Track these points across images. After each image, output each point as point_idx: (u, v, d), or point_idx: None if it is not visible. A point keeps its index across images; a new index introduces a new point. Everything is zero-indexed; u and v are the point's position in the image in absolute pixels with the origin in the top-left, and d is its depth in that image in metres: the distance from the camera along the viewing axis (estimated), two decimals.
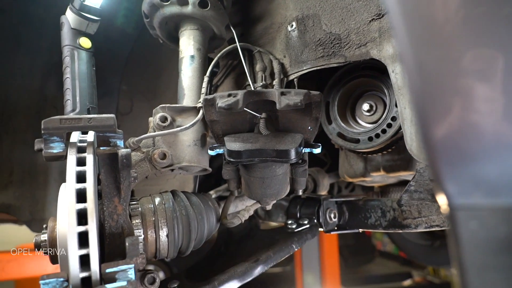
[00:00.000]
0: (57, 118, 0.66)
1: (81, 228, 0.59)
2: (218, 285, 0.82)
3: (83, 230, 0.59)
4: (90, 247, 0.58)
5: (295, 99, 0.78)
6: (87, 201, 0.61)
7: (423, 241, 2.44)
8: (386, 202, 1.02)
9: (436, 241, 2.36)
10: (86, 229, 0.59)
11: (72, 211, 0.59)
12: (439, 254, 2.29)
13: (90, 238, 0.58)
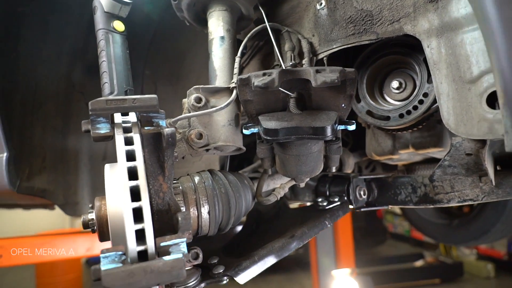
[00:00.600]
0: (103, 99, 0.67)
1: (135, 204, 0.61)
2: (258, 260, 0.85)
3: (137, 206, 0.61)
4: (145, 222, 0.60)
5: (331, 76, 0.79)
6: (139, 178, 0.63)
7: (441, 220, 2.45)
8: (417, 178, 1.03)
9: (454, 220, 2.37)
10: (140, 205, 0.61)
11: (126, 188, 0.61)
12: (457, 233, 2.30)
13: (144, 213, 0.61)
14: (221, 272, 0.82)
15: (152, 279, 0.57)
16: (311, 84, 0.88)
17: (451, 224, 2.34)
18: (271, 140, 0.85)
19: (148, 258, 0.60)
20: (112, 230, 0.69)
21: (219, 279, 0.82)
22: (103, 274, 0.55)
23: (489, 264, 6.14)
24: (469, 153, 0.83)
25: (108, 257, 0.59)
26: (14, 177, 1.12)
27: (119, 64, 0.85)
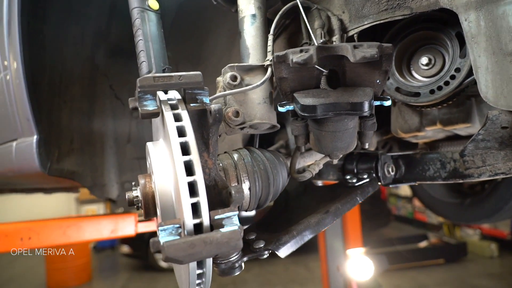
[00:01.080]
0: (150, 76, 0.68)
1: (190, 178, 0.62)
2: (296, 235, 0.87)
3: (191, 180, 0.62)
4: (200, 195, 0.62)
5: (370, 51, 0.79)
6: (192, 153, 0.64)
7: (453, 199, 2.48)
8: (446, 154, 1.04)
9: (466, 199, 2.39)
10: (194, 179, 0.62)
11: (180, 163, 0.62)
12: (469, 211, 2.33)
13: (199, 187, 0.62)
14: (262, 247, 0.84)
15: (212, 250, 0.58)
16: (345, 61, 0.88)
17: (463, 203, 2.37)
18: (307, 117, 0.86)
19: (203, 231, 0.62)
20: (162, 206, 0.70)
21: (260, 253, 0.84)
22: (166, 246, 0.57)
23: (493, 243, 6.24)
24: (505, 126, 0.84)
25: (166, 230, 0.61)
26: (44, 160, 1.13)
27: (156, 43, 0.85)
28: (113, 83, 1.36)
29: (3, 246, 1.30)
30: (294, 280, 5.93)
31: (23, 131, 1.17)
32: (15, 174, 1.27)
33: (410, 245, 6.51)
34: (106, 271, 7.20)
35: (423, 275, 5.73)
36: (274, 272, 6.31)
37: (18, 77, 1.07)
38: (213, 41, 1.39)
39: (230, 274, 0.84)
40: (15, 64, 1.08)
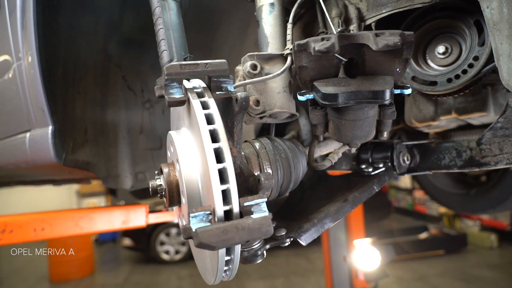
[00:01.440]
0: (177, 64, 0.68)
1: (220, 165, 0.62)
2: (317, 223, 0.87)
3: (221, 167, 0.63)
4: (230, 182, 0.62)
5: (393, 39, 0.79)
6: (221, 141, 0.64)
7: (458, 190, 2.49)
8: (462, 143, 1.05)
9: (471, 190, 2.41)
10: (224, 166, 0.63)
11: (210, 150, 0.63)
12: (475, 202, 2.35)
13: (229, 174, 0.62)
14: (283, 235, 0.85)
15: (244, 236, 0.59)
16: (365, 49, 0.88)
17: (468, 193, 2.38)
18: (329, 105, 0.86)
19: (233, 218, 0.62)
20: (188, 193, 0.70)
21: (282, 241, 0.84)
22: (200, 232, 0.57)
23: (492, 234, 6.29)
24: None
25: (197, 217, 0.61)
26: (60, 150, 1.13)
27: (176, 31, 0.85)
28: (126, 74, 1.35)
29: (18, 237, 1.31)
30: (296, 272, 5.97)
31: (37, 122, 1.17)
32: (28, 165, 1.27)
33: (411, 236, 6.56)
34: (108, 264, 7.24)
35: (424, 266, 5.78)
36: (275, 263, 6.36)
37: (33, 67, 1.07)
38: (225, 31, 1.38)
39: (252, 262, 0.84)
40: (29, 54, 1.08)
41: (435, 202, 3.44)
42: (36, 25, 1.02)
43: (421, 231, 6.80)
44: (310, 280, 5.52)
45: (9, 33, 1.17)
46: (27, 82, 1.13)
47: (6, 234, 1.29)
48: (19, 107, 1.25)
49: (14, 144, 1.31)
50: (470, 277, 5.28)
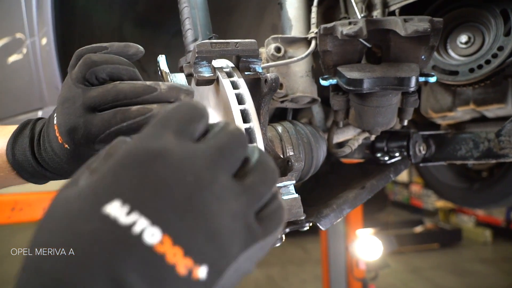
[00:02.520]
0: (207, 42, 0.66)
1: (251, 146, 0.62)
2: (336, 208, 0.87)
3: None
4: None
5: (423, 25, 0.78)
6: (252, 121, 0.63)
7: (461, 184, 2.50)
8: (480, 134, 1.05)
9: (475, 184, 2.42)
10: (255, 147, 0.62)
11: (242, 130, 0.62)
12: (478, 196, 2.37)
13: None
14: (303, 219, 0.85)
15: None
16: (391, 35, 0.87)
17: (471, 187, 2.40)
18: (352, 91, 0.85)
19: None
20: None
21: (301, 225, 0.84)
22: None
23: (487, 230, 6.37)
24: None
25: None
26: None
27: (201, 10, 0.83)
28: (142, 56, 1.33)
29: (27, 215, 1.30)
30: (292, 261, 6.03)
31: (50, 100, 1.15)
32: None
33: (406, 229, 6.63)
34: None
35: (418, 259, 5.86)
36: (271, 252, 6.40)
37: (49, 45, 1.05)
38: (241, 14, 1.36)
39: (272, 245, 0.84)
40: (45, 32, 1.06)
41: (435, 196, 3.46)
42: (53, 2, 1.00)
43: (416, 224, 6.87)
44: (305, 269, 5.58)
45: (23, 10, 1.14)
46: (41, 60, 1.11)
47: (16, 212, 1.28)
48: (31, 84, 1.23)
49: None
50: (463, 271, 5.36)
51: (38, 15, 1.08)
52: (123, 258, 0.25)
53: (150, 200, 0.27)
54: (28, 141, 0.58)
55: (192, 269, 0.27)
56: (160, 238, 0.26)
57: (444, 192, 2.61)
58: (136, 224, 0.26)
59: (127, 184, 0.27)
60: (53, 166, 0.58)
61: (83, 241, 0.26)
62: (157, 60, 0.66)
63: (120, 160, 0.29)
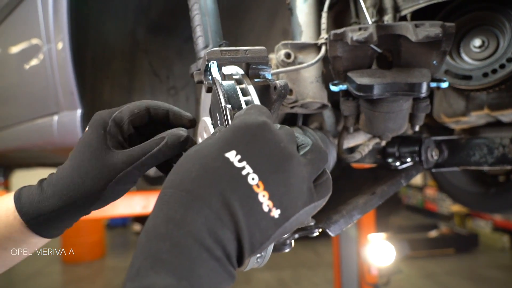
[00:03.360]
0: (217, 49, 0.67)
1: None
2: (346, 214, 0.87)
3: None
4: None
5: (434, 31, 0.77)
6: None
7: (476, 189, 2.46)
8: (494, 139, 1.03)
9: (491, 189, 2.37)
10: None
11: None
12: (494, 201, 2.32)
13: None
14: (312, 225, 0.85)
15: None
16: (402, 40, 0.87)
17: (487, 192, 2.35)
18: (362, 97, 0.85)
19: None
20: None
21: (311, 231, 0.84)
22: None
23: (505, 235, 6.21)
24: None
25: None
26: None
27: (212, 17, 0.84)
28: (152, 59, 1.35)
29: None
30: (303, 264, 6.00)
31: (65, 104, 1.18)
32: (55, 147, 1.29)
33: (420, 234, 6.52)
34: (118, 248, 7.36)
35: (432, 264, 5.75)
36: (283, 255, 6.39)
37: (64, 51, 1.08)
38: (252, 19, 1.37)
39: (281, 251, 0.85)
40: (61, 38, 1.09)
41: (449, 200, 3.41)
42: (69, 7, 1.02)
43: (431, 229, 6.75)
44: (317, 273, 5.54)
45: (40, 16, 1.18)
46: (57, 65, 1.14)
47: None
48: (47, 89, 1.26)
49: (40, 127, 1.33)
50: (480, 277, 5.24)
51: (54, 21, 1.11)
52: (234, 189, 0.37)
53: (255, 155, 0.39)
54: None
55: (271, 209, 0.38)
56: (257, 182, 0.38)
57: (459, 196, 2.56)
58: (244, 169, 0.38)
59: (241, 141, 0.40)
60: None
61: (210, 172, 0.38)
62: (208, 67, 0.66)
63: (237, 125, 0.41)
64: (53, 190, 0.53)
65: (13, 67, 1.50)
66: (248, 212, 0.37)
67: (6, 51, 1.55)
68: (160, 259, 0.34)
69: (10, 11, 1.37)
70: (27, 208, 0.53)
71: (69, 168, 0.53)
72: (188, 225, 0.35)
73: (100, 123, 0.54)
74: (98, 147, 0.53)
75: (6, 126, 1.65)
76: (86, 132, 0.55)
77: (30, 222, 0.54)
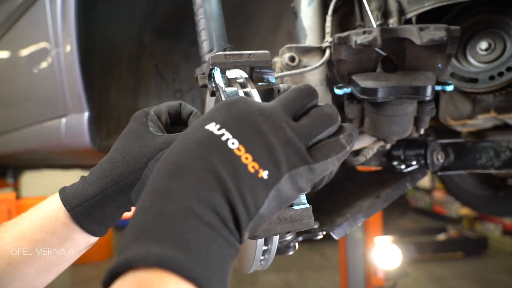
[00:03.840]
0: (221, 54, 0.68)
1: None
2: (350, 217, 0.87)
3: None
4: None
5: (439, 34, 0.77)
6: None
7: (485, 192, 2.43)
8: (501, 143, 1.02)
9: (499, 192, 2.35)
10: None
11: None
12: (503, 204, 2.29)
13: None
14: (316, 228, 0.85)
15: (285, 227, 0.59)
16: (407, 43, 0.86)
17: (496, 195, 2.32)
18: (367, 100, 0.85)
19: None
20: None
21: (315, 234, 0.84)
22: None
23: None
24: None
25: None
26: (94, 136, 1.16)
27: (217, 21, 0.85)
28: (158, 63, 1.37)
29: None
30: (310, 266, 5.97)
31: (73, 107, 1.20)
32: (62, 150, 1.31)
33: (428, 237, 6.45)
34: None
35: (441, 268, 5.69)
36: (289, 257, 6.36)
37: (72, 54, 1.09)
38: (257, 22, 1.37)
39: (284, 253, 0.85)
40: (69, 41, 1.10)
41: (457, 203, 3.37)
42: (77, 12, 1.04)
43: (439, 232, 6.68)
44: (323, 275, 5.52)
45: (49, 21, 1.20)
46: (65, 69, 1.16)
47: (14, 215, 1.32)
48: (55, 92, 1.28)
49: (49, 129, 1.35)
50: (489, 281, 5.17)
51: (62, 25, 1.13)
52: (216, 154, 0.38)
53: (232, 124, 0.41)
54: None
55: (258, 170, 0.38)
56: (237, 146, 0.39)
57: (467, 199, 2.53)
58: (223, 135, 0.39)
59: (220, 113, 0.42)
60: None
61: (192, 143, 0.39)
62: (212, 73, 0.67)
63: (219, 103, 0.45)
64: (96, 175, 0.56)
65: (23, 70, 1.52)
66: (233, 173, 0.37)
67: (16, 54, 1.58)
68: (145, 230, 0.33)
69: (19, 16, 1.39)
70: (71, 197, 0.56)
71: (112, 153, 0.57)
72: (171, 192, 0.35)
73: (142, 114, 0.61)
74: (140, 131, 0.58)
75: (16, 128, 1.68)
76: (128, 124, 0.60)
77: (74, 211, 0.55)
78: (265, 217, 0.40)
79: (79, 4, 1.05)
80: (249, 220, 0.38)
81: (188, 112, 0.66)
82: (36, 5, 1.27)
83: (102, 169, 0.56)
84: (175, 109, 0.64)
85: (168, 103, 0.65)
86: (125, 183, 0.55)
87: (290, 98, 0.46)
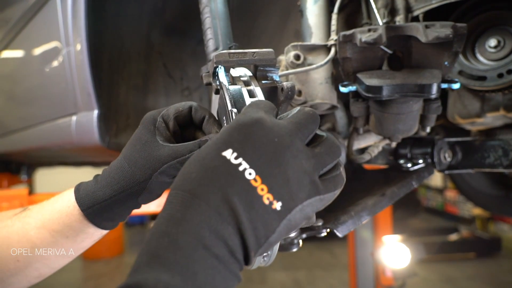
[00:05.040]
0: (225, 52, 0.69)
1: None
2: (354, 215, 0.87)
3: None
4: None
5: (445, 31, 0.76)
6: None
7: (496, 191, 2.39)
8: (510, 141, 1.01)
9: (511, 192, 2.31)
10: None
11: None
12: None
13: None
14: (320, 225, 0.85)
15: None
16: (413, 41, 0.86)
17: (508, 195, 2.29)
18: (371, 98, 0.85)
19: None
20: None
21: (319, 231, 0.85)
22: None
23: None
24: None
25: None
26: (104, 134, 1.18)
27: (222, 20, 0.86)
28: (167, 61, 1.39)
29: None
30: (319, 265, 5.95)
31: (83, 105, 1.22)
32: (73, 147, 1.33)
33: (440, 237, 6.37)
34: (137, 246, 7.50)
35: (453, 268, 5.61)
36: (298, 256, 6.36)
37: (82, 53, 1.12)
38: (264, 20, 1.38)
39: (288, 250, 0.86)
40: (79, 41, 1.13)
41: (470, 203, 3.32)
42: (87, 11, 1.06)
43: (451, 232, 6.58)
44: (333, 274, 5.50)
45: (60, 20, 1.22)
46: (76, 67, 1.19)
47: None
48: (65, 91, 1.31)
49: (60, 127, 1.38)
50: (502, 282, 5.08)
51: (73, 25, 1.15)
52: (232, 185, 0.39)
53: (250, 152, 0.40)
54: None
55: (273, 202, 0.39)
56: (254, 176, 0.39)
57: (478, 199, 2.50)
58: (241, 165, 0.40)
59: (236, 139, 0.41)
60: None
61: (209, 171, 0.40)
62: (216, 71, 0.68)
63: (232, 125, 0.43)
64: (106, 181, 0.60)
65: (35, 69, 1.56)
66: (248, 205, 0.38)
67: (29, 54, 1.61)
68: (157, 256, 0.35)
69: (32, 16, 1.42)
70: (84, 199, 0.60)
71: (120, 160, 0.60)
72: (187, 222, 0.37)
73: (150, 120, 0.62)
74: (148, 140, 0.59)
75: (29, 126, 1.72)
76: (138, 128, 0.63)
77: (87, 211, 0.60)
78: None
79: (89, 4, 1.07)
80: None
81: (200, 117, 0.65)
82: (48, 5, 1.30)
83: (112, 175, 0.60)
84: (184, 114, 0.64)
85: (177, 107, 0.64)
86: (132, 191, 0.59)
87: (303, 123, 0.46)
